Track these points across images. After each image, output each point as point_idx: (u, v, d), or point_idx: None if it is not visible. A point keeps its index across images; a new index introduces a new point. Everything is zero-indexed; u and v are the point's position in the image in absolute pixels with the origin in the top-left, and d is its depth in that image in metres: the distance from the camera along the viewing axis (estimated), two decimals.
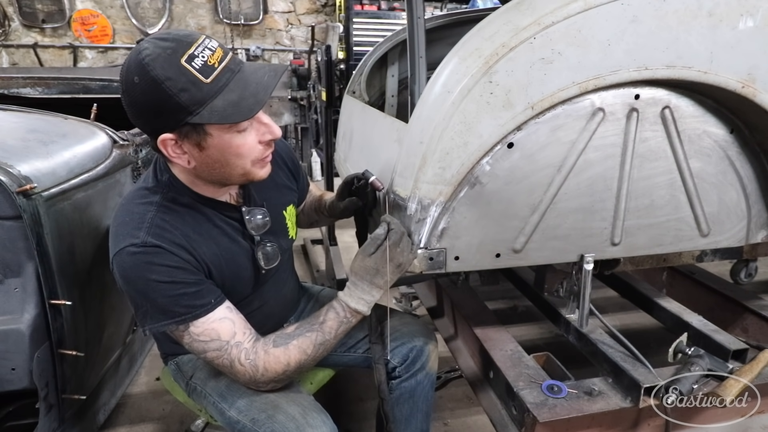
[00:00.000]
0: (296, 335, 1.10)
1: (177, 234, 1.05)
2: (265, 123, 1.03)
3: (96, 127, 1.70)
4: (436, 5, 5.59)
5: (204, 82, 0.92)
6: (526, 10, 1.08)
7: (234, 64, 0.98)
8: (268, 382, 1.10)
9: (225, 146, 0.99)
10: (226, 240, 1.14)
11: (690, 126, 1.23)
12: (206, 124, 0.95)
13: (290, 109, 5.62)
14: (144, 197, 1.08)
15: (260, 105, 0.96)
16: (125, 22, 5.57)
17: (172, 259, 1.02)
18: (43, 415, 1.36)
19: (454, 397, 2.08)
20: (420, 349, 1.37)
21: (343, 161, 2.23)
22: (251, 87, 0.97)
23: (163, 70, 0.90)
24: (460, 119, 1.09)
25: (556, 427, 1.15)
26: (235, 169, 1.04)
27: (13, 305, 1.30)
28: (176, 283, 1.01)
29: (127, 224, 1.04)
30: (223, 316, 1.07)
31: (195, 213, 1.10)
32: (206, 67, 0.92)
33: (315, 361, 1.12)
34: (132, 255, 1.00)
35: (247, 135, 1.01)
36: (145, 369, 2.17)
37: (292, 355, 1.08)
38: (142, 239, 1.00)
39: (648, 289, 1.74)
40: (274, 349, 1.08)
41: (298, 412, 1.09)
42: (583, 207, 1.23)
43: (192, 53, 0.91)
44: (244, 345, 1.07)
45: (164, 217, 1.05)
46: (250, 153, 1.03)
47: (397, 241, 1.10)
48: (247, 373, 1.08)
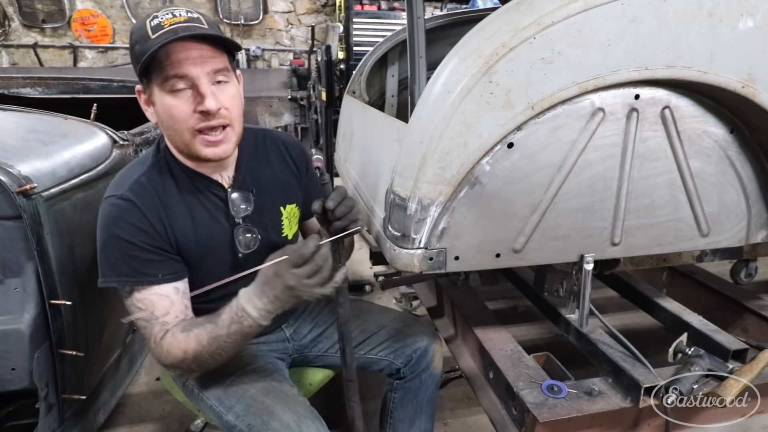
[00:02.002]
0: (200, 324, 1.05)
1: (155, 198, 1.10)
2: (200, 92, 1.01)
3: (96, 127, 1.70)
4: (436, 5, 5.59)
5: (150, 38, 0.99)
6: (526, 10, 1.08)
7: (182, 29, 0.99)
8: (171, 366, 1.08)
9: (161, 104, 1.04)
10: (207, 216, 1.16)
11: (690, 126, 1.23)
12: (152, 81, 1.02)
13: (290, 109, 5.62)
14: (143, 160, 1.16)
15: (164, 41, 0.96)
16: (125, 22, 5.57)
17: (140, 220, 1.07)
18: (43, 415, 1.35)
19: (454, 397, 2.08)
20: (424, 349, 1.37)
21: (343, 161, 2.23)
22: (178, 35, 0.98)
23: (136, 26, 1.04)
24: (460, 119, 1.09)
25: (556, 427, 1.15)
26: (177, 135, 1.06)
27: (13, 305, 1.29)
28: (134, 245, 1.05)
29: (120, 178, 1.13)
30: (166, 294, 1.08)
31: (181, 183, 1.14)
32: (158, 26, 1.00)
33: (212, 357, 1.04)
34: (109, 206, 1.08)
35: (180, 97, 1.02)
36: (145, 369, 2.17)
37: (190, 343, 1.04)
38: (122, 193, 1.08)
39: (648, 289, 1.74)
40: (179, 334, 1.05)
41: (293, 420, 1.08)
42: (583, 207, 1.23)
43: (157, 15, 1.02)
44: (167, 326, 1.06)
45: (150, 178, 1.11)
46: (183, 119, 1.03)
47: (301, 267, 0.95)
48: (157, 352, 1.07)
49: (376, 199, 1.43)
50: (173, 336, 1.06)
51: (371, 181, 1.54)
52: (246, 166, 1.23)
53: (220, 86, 1.04)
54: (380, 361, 1.40)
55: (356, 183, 1.79)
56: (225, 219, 1.19)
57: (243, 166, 1.22)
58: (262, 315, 1.01)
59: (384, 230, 1.26)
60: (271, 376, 1.23)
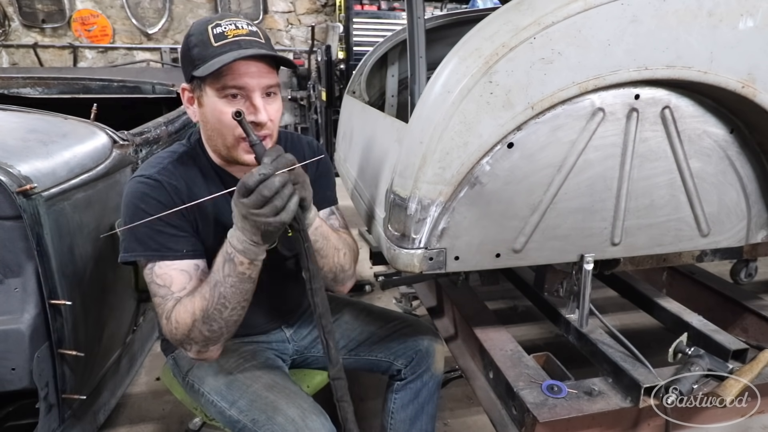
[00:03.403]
0: (202, 284, 1.05)
1: (181, 182, 1.15)
2: (254, 104, 1.06)
3: (96, 127, 1.70)
4: (436, 5, 5.59)
5: (212, 44, 1.04)
6: (526, 10, 1.08)
7: (245, 42, 1.05)
8: (183, 339, 1.06)
9: (212, 107, 1.07)
10: (227, 208, 1.11)
11: (690, 126, 1.23)
12: (206, 83, 1.06)
13: (290, 109, 5.62)
14: (173, 149, 1.22)
15: (235, 57, 1.01)
16: (125, 22, 5.56)
17: (166, 197, 1.11)
18: (43, 415, 1.36)
19: (454, 397, 2.08)
20: (425, 350, 1.37)
21: (343, 161, 2.23)
22: (244, 52, 1.03)
23: (194, 29, 1.08)
24: (460, 119, 1.09)
25: (556, 427, 1.15)
26: (221, 138, 1.10)
27: (13, 305, 1.30)
28: (160, 220, 1.08)
29: (149, 163, 1.18)
30: (185, 269, 1.10)
31: (208, 177, 1.19)
32: (221, 35, 1.05)
33: (218, 310, 1.02)
34: (137, 183, 1.12)
35: (233, 105, 1.05)
36: (145, 369, 2.17)
37: (195, 302, 1.03)
38: (150, 173, 1.13)
39: (648, 289, 1.74)
40: (185, 299, 1.06)
41: (298, 415, 1.09)
42: (583, 207, 1.23)
43: (219, 23, 1.07)
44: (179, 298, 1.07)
45: (178, 166, 1.17)
46: (232, 125, 1.06)
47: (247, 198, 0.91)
48: (167, 328, 1.07)
49: (376, 199, 1.43)
50: (181, 304, 1.06)
51: (371, 181, 1.54)
52: None
53: (269, 99, 1.10)
54: (381, 363, 1.40)
55: (356, 183, 1.79)
56: None
57: None
58: (246, 247, 0.98)
59: (384, 230, 1.26)
60: (274, 372, 1.24)
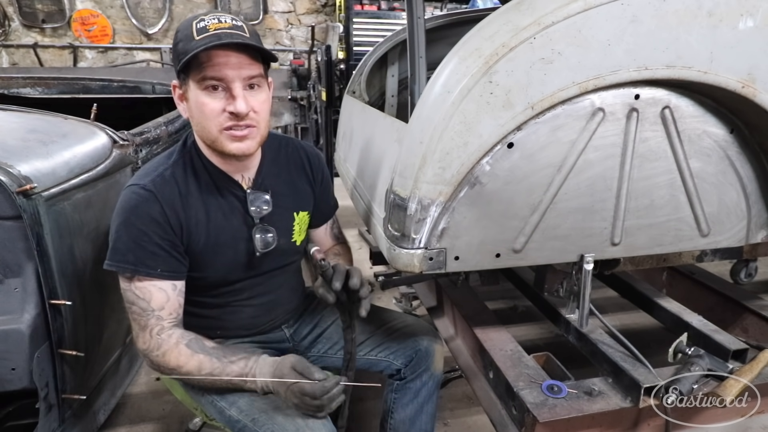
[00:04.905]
0: (207, 352, 1.12)
1: (175, 191, 1.15)
2: (234, 95, 1.07)
3: (96, 127, 1.69)
4: (436, 5, 5.59)
5: (194, 38, 1.05)
6: (526, 10, 1.08)
7: (225, 35, 1.04)
8: (156, 365, 1.14)
9: (195, 100, 1.09)
10: (221, 215, 1.20)
11: (690, 126, 1.23)
12: (189, 77, 1.07)
13: (290, 109, 5.61)
14: (169, 154, 1.22)
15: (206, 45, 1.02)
16: (125, 22, 5.56)
17: (158, 211, 1.12)
18: (43, 415, 1.35)
19: (454, 397, 2.08)
20: (425, 350, 1.37)
21: (343, 161, 2.23)
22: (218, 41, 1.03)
23: (182, 25, 1.09)
24: (460, 119, 1.09)
25: (556, 427, 1.15)
26: (206, 131, 1.11)
27: (13, 305, 1.29)
28: (145, 234, 1.10)
29: (145, 170, 1.19)
30: (163, 289, 1.13)
31: (202, 181, 1.19)
32: (203, 29, 1.05)
33: (198, 382, 1.14)
34: (131, 193, 1.13)
35: (214, 97, 1.08)
36: (145, 369, 2.17)
37: (190, 363, 1.11)
38: (144, 183, 1.13)
39: (648, 289, 1.74)
40: (183, 348, 1.12)
41: (298, 414, 1.09)
42: (583, 207, 1.23)
43: (204, 18, 1.07)
44: (164, 323, 1.13)
45: (174, 173, 1.17)
46: (214, 116, 1.08)
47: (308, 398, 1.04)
48: (149, 345, 1.12)
49: (376, 199, 1.43)
50: (176, 347, 1.12)
51: (371, 181, 1.54)
52: (267, 170, 1.27)
53: (252, 91, 1.10)
54: (380, 362, 1.40)
55: (356, 183, 1.79)
56: (240, 219, 1.23)
57: (264, 170, 1.27)
58: (264, 390, 1.10)
59: (384, 230, 1.26)
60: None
